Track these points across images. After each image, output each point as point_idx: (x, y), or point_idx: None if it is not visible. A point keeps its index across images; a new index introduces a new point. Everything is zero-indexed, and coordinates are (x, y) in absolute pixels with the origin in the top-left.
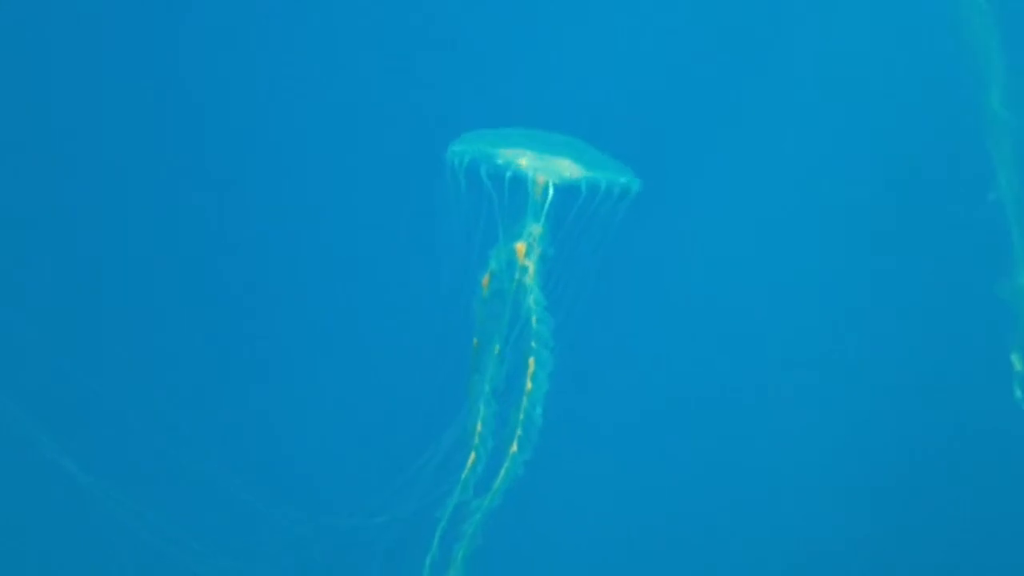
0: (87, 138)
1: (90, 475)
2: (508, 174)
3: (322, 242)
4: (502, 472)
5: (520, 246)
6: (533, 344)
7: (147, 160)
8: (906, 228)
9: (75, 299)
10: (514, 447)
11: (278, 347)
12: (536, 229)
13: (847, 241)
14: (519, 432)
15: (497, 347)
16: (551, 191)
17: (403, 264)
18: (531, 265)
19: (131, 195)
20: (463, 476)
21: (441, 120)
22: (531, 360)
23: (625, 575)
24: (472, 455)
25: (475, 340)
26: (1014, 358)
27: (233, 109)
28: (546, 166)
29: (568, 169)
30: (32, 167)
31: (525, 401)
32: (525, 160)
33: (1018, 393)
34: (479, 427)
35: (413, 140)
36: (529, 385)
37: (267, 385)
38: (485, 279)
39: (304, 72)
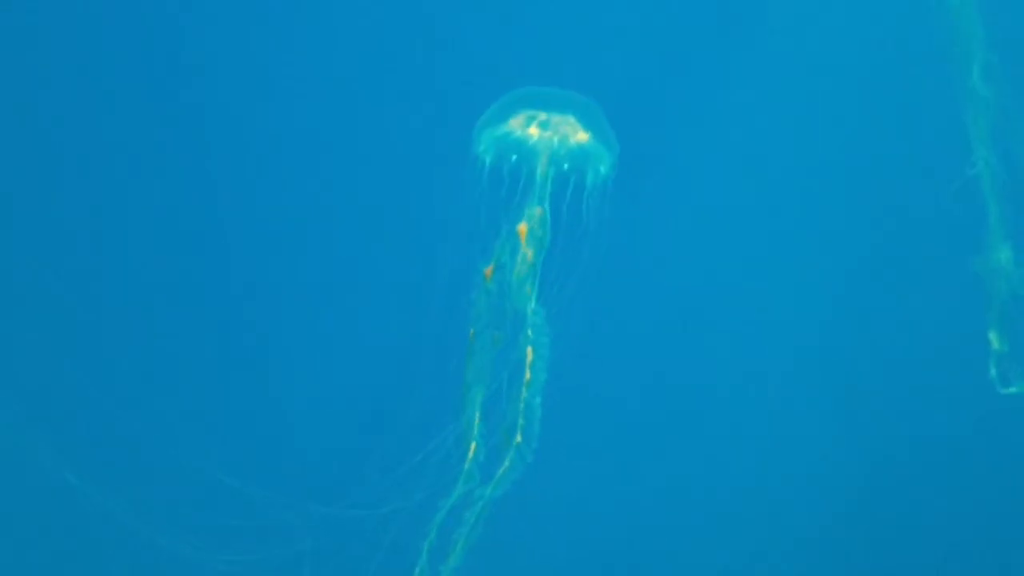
0: (86, 135)
1: (83, 468)
2: (514, 157)
3: (320, 233)
4: (505, 462)
5: (522, 227)
6: (530, 333)
7: (150, 155)
8: (882, 204)
9: (67, 294)
10: (518, 437)
11: (279, 338)
12: (539, 211)
13: (823, 217)
14: (520, 422)
15: (496, 336)
16: (558, 167)
17: (402, 253)
18: (531, 251)
19: (131, 189)
20: (464, 467)
21: (440, 109)
22: (529, 349)
23: (624, 565)
24: (472, 445)
25: (471, 330)
26: (991, 336)
27: (229, 107)
28: (556, 128)
29: (575, 131)
30: (29, 167)
31: (525, 391)
32: (535, 128)
33: (993, 372)
34: (477, 418)
35: (413, 130)
36: (528, 375)
37: (268, 374)
38: (488, 269)
39: (303, 57)
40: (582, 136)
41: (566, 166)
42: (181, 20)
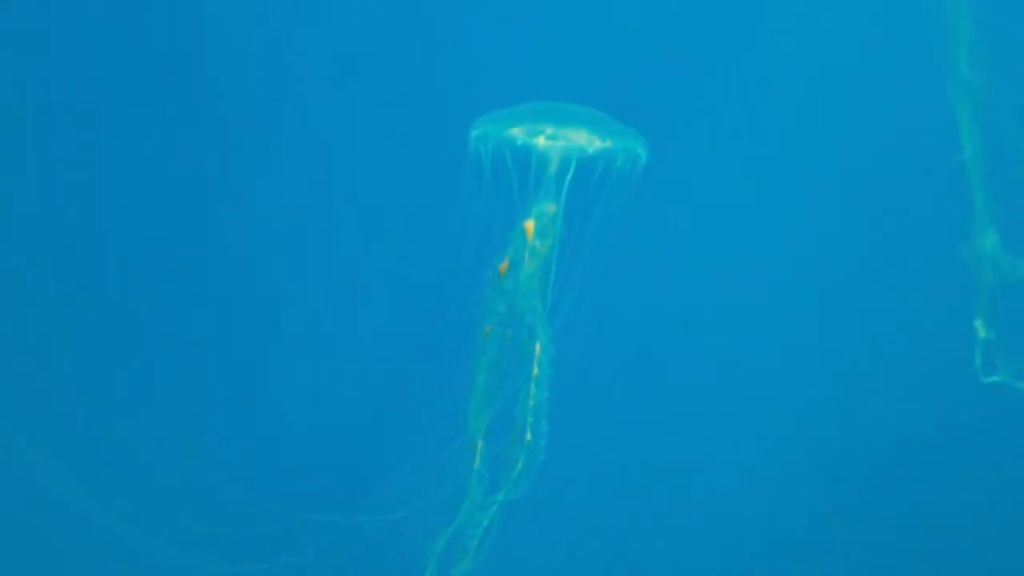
0: (86, 135)
1: (84, 477)
2: (516, 147)
3: (329, 234)
4: (518, 463)
5: (529, 224)
6: (540, 330)
7: (149, 156)
8: (870, 193)
9: (66, 296)
10: (528, 436)
11: (282, 343)
12: (550, 208)
13: (812, 207)
14: (530, 420)
15: (508, 334)
16: (569, 170)
17: (414, 253)
18: (542, 246)
19: (130, 191)
20: (475, 468)
21: (452, 105)
22: (538, 346)
23: (625, 566)
24: (480, 444)
25: (487, 328)
26: (977, 324)
27: (232, 107)
28: (564, 140)
29: (585, 141)
30: (30, 167)
31: (534, 389)
32: (542, 139)
33: (978, 360)
34: (487, 418)
35: (423, 127)
36: (536, 371)
37: (268, 381)
38: (503, 265)
39: (313, 57)
40: (598, 144)
41: (591, 150)
42: (183, 19)
